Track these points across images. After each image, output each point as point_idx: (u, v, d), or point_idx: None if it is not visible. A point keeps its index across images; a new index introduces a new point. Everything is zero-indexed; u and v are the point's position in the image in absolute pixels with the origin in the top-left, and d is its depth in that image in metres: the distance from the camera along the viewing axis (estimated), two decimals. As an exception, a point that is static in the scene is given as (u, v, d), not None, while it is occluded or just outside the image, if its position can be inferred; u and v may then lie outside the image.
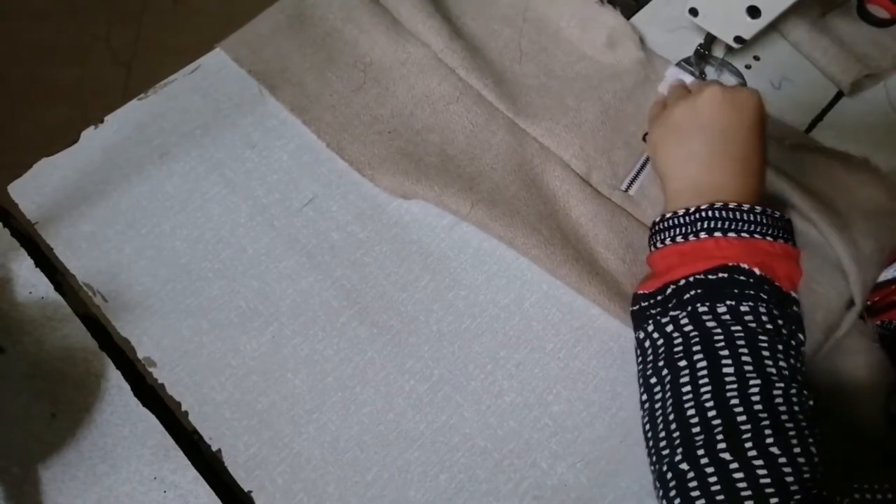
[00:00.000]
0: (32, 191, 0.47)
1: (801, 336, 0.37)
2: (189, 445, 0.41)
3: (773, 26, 0.55)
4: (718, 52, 0.52)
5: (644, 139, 0.50)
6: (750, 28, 0.46)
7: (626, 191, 0.48)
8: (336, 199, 0.48)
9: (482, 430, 0.41)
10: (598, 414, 0.42)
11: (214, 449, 0.40)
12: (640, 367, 0.39)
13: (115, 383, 0.42)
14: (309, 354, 0.43)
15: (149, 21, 1.52)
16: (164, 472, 0.40)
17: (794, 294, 0.38)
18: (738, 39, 0.47)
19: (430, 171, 0.48)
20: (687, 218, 0.40)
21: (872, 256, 0.44)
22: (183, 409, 0.41)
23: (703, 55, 0.53)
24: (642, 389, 0.38)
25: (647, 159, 0.49)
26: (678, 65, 0.54)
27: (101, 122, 0.50)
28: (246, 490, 0.39)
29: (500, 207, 0.46)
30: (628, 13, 0.57)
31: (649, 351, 0.38)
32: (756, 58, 0.55)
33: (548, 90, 0.52)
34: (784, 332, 0.36)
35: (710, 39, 0.51)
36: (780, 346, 0.35)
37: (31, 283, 0.44)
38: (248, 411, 0.41)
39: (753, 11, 0.45)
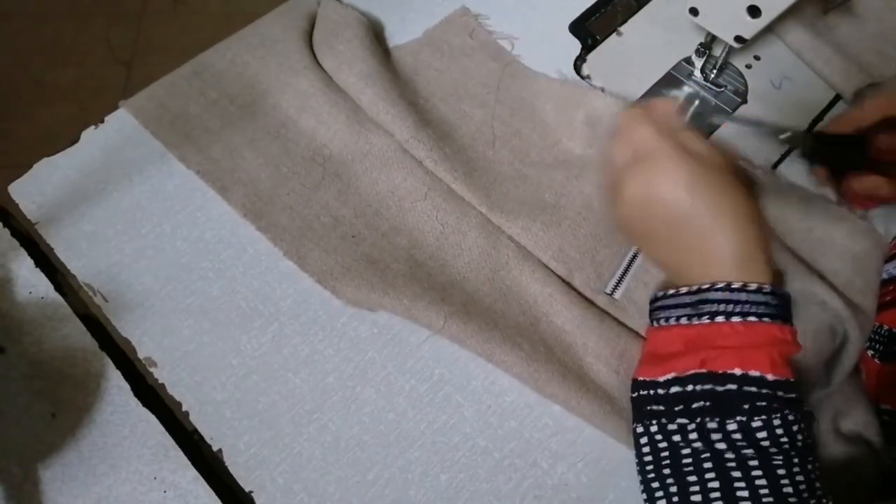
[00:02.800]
0: (32, 191, 0.47)
1: (813, 434, 0.35)
2: (189, 445, 0.41)
3: (775, 33, 0.55)
4: (718, 52, 0.52)
5: None
6: (750, 27, 0.46)
7: (612, 294, 0.45)
8: (336, 198, 0.48)
9: (483, 430, 0.41)
10: (599, 414, 0.42)
11: (215, 449, 0.40)
12: (640, 461, 0.37)
13: (115, 383, 0.42)
14: (309, 354, 0.43)
15: (149, 21, 1.52)
16: (164, 472, 0.39)
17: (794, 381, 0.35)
18: (738, 39, 0.47)
19: (398, 281, 0.43)
20: (690, 298, 0.37)
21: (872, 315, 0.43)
22: (183, 409, 0.41)
23: (703, 54, 0.53)
24: (642, 487, 0.36)
25: (634, 257, 0.46)
26: (675, 68, 0.54)
27: (101, 122, 0.50)
28: (246, 490, 0.39)
29: (476, 321, 0.42)
30: (628, 13, 0.57)
31: (650, 450, 0.36)
32: (756, 57, 0.55)
33: (524, 179, 0.49)
34: (799, 438, 0.34)
35: (711, 39, 0.51)
36: (797, 459, 0.33)
37: (31, 283, 0.44)
38: (248, 411, 0.41)
39: (754, 11, 0.45)
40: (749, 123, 0.50)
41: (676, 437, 0.35)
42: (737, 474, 0.32)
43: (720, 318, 0.35)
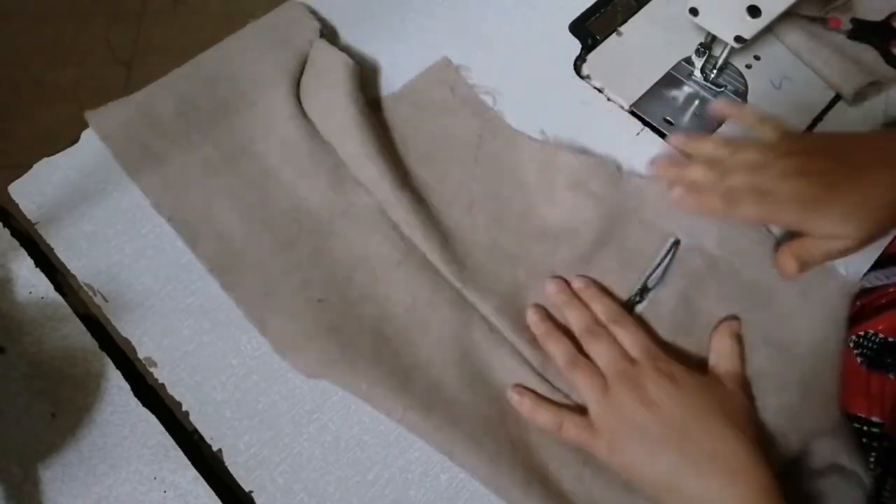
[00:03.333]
0: (32, 191, 0.47)
1: None
2: (189, 445, 0.41)
3: (774, 33, 0.56)
4: (718, 52, 0.52)
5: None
6: (750, 27, 0.46)
7: None
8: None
9: (483, 430, 0.41)
10: (599, 414, 0.42)
11: (215, 449, 0.40)
12: None
13: (115, 383, 0.42)
14: (309, 354, 0.43)
15: (149, 21, 1.52)
16: (164, 472, 0.39)
17: None
18: (738, 39, 0.47)
19: (359, 360, 0.41)
20: None
21: None
22: (183, 409, 0.41)
23: (703, 54, 0.53)
24: None
25: None
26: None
27: (102, 121, 0.50)
28: (246, 490, 0.39)
29: (437, 415, 0.39)
30: (628, 13, 0.57)
31: None
32: (756, 57, 0.55)
33: (500, 251, 0.46)
34: None
35: (711, 39, 0.51)
36: None
37: (31, 283, 0.44)
38: (248, 411, 0.41)
39: (754, 11, 0.45)
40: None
41: None
42: None
43: None
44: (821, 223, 0.41)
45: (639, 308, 0.45)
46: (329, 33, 0.54)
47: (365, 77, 0.52)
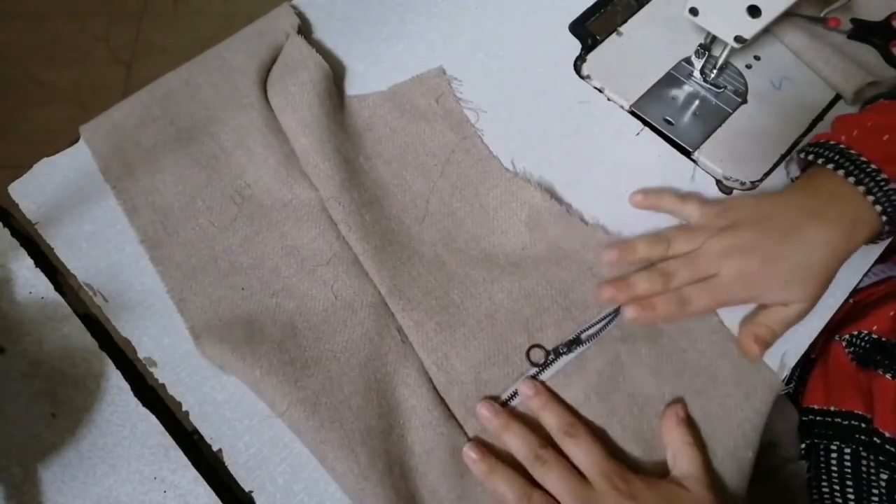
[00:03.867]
0: (32, 191, 0.47)
1: None
2: (189, 445, 0.41)
3: (773, 34, 0.56)
4: (718, 52, 0.52)
5: (528, 356, 0.42)
6: (750, 27, 0.46)
7: None
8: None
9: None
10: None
11: (215, 449, 0.40)
12: None
13: (115, 383, 0.42)
14: (309, 354, 0.43)
15: (149, 21, 1.52)
16: (164, 472, 0.39)
17: None
18: (738, 39, 0.47)
19: (262, 347, 0.40)
20: None
21: None
22: (183, 409, 0.41)
23: (703, 55, 0.53)
24: None
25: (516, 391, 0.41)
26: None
27: (101, 121, 0.50)
28: (246, 490, 0.39)
29: (321, 414, 0.39)
30: (628, 13, 0.57)
31: None
32: (756, 57, 0.55)
33: (440, 267, 0.45)
34: None
35: (711, 39, 0.51)
36: None
37: (31, 283, 0.44)
38: (248, 411, 0.41)
39: (754, 11, 0.45)
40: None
41: None
42: None
43: None
44: (769, 294, 0.41)
45: (564, 359, 0.42)
46: (308, 33, 0.54)
47: (338, 78, 0.52)
